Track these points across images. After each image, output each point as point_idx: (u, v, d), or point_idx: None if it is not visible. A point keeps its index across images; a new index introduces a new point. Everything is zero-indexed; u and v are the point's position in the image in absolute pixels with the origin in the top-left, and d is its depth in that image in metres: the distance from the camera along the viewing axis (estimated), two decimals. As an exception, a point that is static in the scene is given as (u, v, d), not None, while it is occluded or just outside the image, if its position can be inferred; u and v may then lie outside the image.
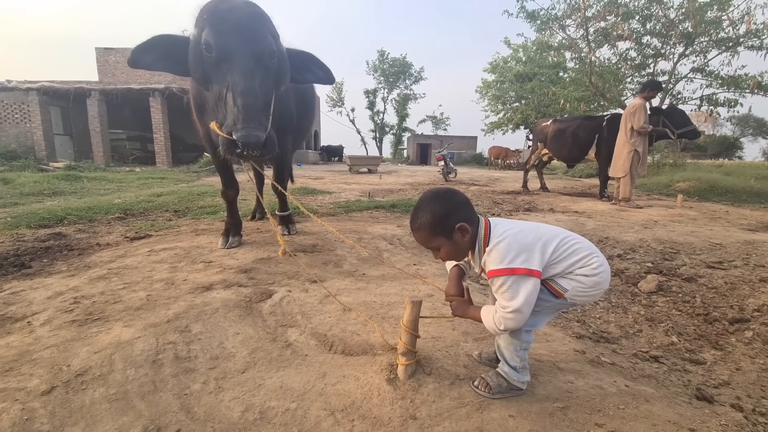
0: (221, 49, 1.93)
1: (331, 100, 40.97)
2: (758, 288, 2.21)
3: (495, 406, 1.15)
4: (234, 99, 1.88)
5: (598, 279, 1.13)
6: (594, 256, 1.14)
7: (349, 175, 12.71)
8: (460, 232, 1.12)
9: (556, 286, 1.14)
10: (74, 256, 2.70)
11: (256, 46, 1.98)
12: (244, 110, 1.85)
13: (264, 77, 2.01)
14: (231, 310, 1.76)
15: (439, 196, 1.17)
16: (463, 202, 1.17)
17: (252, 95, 1.90)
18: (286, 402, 1.16)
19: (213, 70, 1.99)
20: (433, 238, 1.15)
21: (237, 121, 1.83)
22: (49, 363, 1.32)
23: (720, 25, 10.24)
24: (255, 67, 1.96)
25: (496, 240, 1.11)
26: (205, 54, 1.96)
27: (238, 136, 1.79)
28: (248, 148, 1.81)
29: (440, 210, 1.13)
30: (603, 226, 3.98)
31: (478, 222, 1.17)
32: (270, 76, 2.09)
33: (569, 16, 11.84)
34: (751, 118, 39.95)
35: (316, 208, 5.07)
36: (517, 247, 1.09)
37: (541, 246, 1.11)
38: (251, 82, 1.92)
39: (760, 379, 1.47)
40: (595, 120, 7.06)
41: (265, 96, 1.99)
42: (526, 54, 20.80)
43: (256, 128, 1.83)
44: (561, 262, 1.12)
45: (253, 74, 1.94)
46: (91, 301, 1.84)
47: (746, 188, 7.19)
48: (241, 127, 1.81)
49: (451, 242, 1.14)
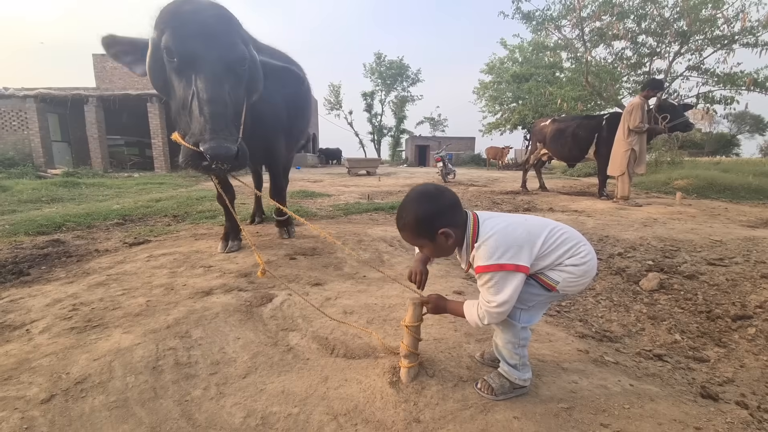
0: (186, 53, 1.76)
1: (328, 103, 41.06)
2: (760, 284, 2.20)
3: (499, 407, 1.14)
4: (200, 108, 1.70)
5: (586, 268, 1.13)
6: (582, 244, 1.14)
7: (348, 178, 12.71)
8: (443, 236, 1.10)
9: (547, 279, 1.14)
10: (73, 262, 2.68)
11: (225, 50, 1.84)
12: (213, 119, 1.67)
13: (234, 85, 1.87)
14: (231, 315, 1.75)
15: (424, 197, 1.14)
16: (449, 205, 1.13)
17: (221, 103, 1.74)
18: (288, 407, 1.15)
19: (176, 76, 1.83)
20: (417, 238, 1.16)
21: (204, 131, 1.65)
22: (49, 371, 1.31)
23: (715, 23, 10.29)
24: (224, 73, 1.81)
25: (485, 236, 1.10)
26: (167, 59, 1.80)
27: (206, 147, 1.60)
28: (218, 160, 1.63)
29: (423, 213, 1.11)
30: (603, 224, 3.98)
31: (466, 220, 1.15)
32: (240, 84, 1.95)
33: (564, 17, 11.88)
34: (747, 115, 40.19)
35: (315, 210, 5.06)
36: (506, 243, 1.07)
37: (530, 240, 1.10)
38: (220, 89, 1.76)
39: (765, 376, 1.46)
40: (594, 119, 7.07)
41: (235, 105, 1.85)
42: (522, 55, 20.87)
43: (226, 139, 1.66)
44: (551, 253, 1.12)
45: (222, 81, 1.79)
46: (90, 308, 1.83)
47: (744, 185, 7.20)
48: (209, 138, 1.63)
49: (434, 244, 1.14)
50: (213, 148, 1.61)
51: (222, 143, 1.63)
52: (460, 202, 1.17)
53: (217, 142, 1.63)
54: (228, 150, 1.65)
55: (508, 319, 1.17)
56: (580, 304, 2.15)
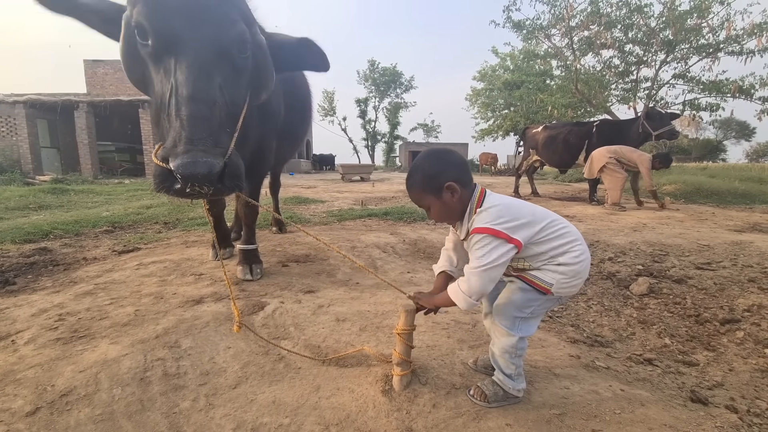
0: (162, 33, 1.32)
1: (322, 109, 41.14)
2: (747, 288, 2.24)
3: (492, 414, 1.14)
4: (177, 108, 1.26)
5: (578, 268, 1.13)
6: (578, 243, 1.15)
7: (342, 184, 12.70)
8: (449, 191, 1.12)
9: (540, 282, 1.13)
10: (60, 271, 2.63)
11: (216, 29, 1.37)
12: (191, 124, 1.22)
13: (229, 77, 1.41)
14: (222, 324, 1.73)
15: (433, 155, 1.19)
16: (457, 163, 1.17)
17: (204, 102, 1.28)
18: (279, 417, 1.13)
19: (154, 65, 1.38)
20: (424, 196, 1.16)
21: (178, 141, 1.20)
22: (34, 383, 1.28)
23: (700, 32, 10.57)
24: (213, 60, 1.35)
25: (489, 204, 1.12)
26: (140, 42, 1.36)
27: (177, 164, 1.15)
28: (193, 182, 1.16)
29: (431, 168, 1.15)
30: (594, 229, 4.03)
31: (473, 186, 1.17)
32: (240, 77, 1.50)
33: (554, 26, 12.13)
34: (733, 122, 41.14)
35: (309, 217, 5.05)
36: (508, 214, 1.09)
37: (531, 221, 1.11)
38: (205, 82, 1.31)
39: (753, 380, 1.49)
40: (585, 126, 7.20)
41: (230, 105, 1.39)
42: (513, 62, 21.21)
43: (207, 151, 1.19)
44: (546, 242, 1.12)
45: (210, 71, 1.34)
46: (76, 318, 1.79)
47: (731, 190, 7.35)
48: (183, 150, 1.17)
49: (440, 201, 1.15)
50: (185, 165, 1.14)
51: (199, 157, 1.16)
52: (468, 164, 1.21)
53: (193, 156, 1.16)
54: (208, 167, 1.16)
55: (506, 329, 1.17)
56: (572, 309, 2.17)
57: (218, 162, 1.20)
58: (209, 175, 1.18)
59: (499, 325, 1.18)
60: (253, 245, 2.50)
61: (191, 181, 1.16)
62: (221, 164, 1.22)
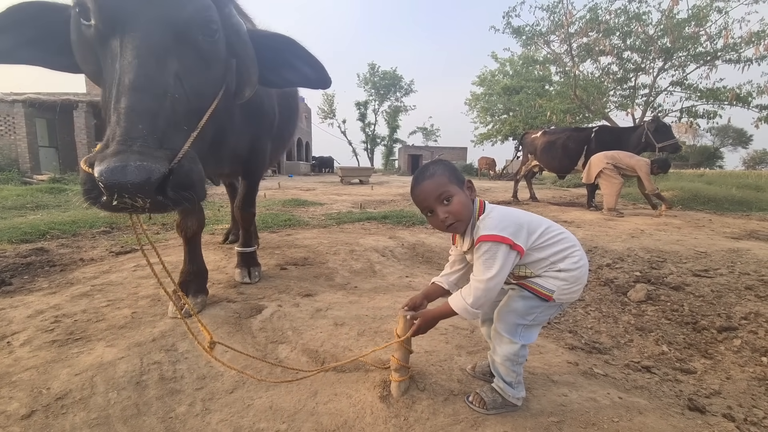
0: (105, 10, 1.09)
1: (322, 111, 41.28)
2: (744, 296, 2.25)
3: (490, 422, 1.14)
4: (117, 99, 1.03)
5: (578, 274, 1.14)
6: (577, 249, 1.17)
7: (341, 186, 12.71)
8: (468, 188, 1.16)
9: (542, 289, 1.14)
10: (56, 272, 2.62)
11: (171, 5, 1.13)
12: (127, 119, 1.00)
13: (191, 66, 1.18)
14: (219, 327, 1.72)
15: (445, 161, 1.23)
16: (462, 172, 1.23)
17: (149, 91, 1.04)
18: (276, 423, 1.13)
19: (101, 50, 1.15)
20: (449, 184, 1.13)
21: (111, 140, 0.98)
22: (29, 386, 1.27)
23: (698, 40, 10.68)
24: (167, 43, 1.12)
25: (490, 210, 1.15)
26: (83, 24, 1.14)
27: (100, 169, 0.90)
28: (120, 193, 0.91)
29: (451, 165, 1.19)
30: (592, 235, 4.04)
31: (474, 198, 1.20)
32: (207, 67, 1.25)
33: (553, 32, 12.25)
34: (730, 129, 41.41)
35: (307, 219, 5.04)
36: (508, 219, 1.12)
37: (530, 227, 1.13)
38: (153, 68, 1.07)
39: (751, 388, 1.49)
40: (584, 132, 7.25)
41: (190, 99, 1.15)
42: (512, 68, 21.37)
43: (145, 153, 0.95)
44: (545, 248, 1.13)
45: (162, 56, 1.10)
46: (72, 320, 1.78)
47: (728, 197, 7.39)
48: (111, 152, 0.93)
49: (461, 194, 1.14)
50: (109, 171, 0.90)
51: (132, 161, 0.91)
52: None
53: (123, 158, 0.91)
54: (142, 174, 0.91)
55: (508, 336, 1.17)
56: (570, 315, 2.17)
57: (159, 167, 0.94)
58: (143, 184, 0.91)
59: (501, 332, 1.18)
60: (251, 248, 2.46)
61: (118, 191, 0.90)
62: (163, 170, 0.95)
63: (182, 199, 1.03)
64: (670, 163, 5.94)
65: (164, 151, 1.00)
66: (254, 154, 2.22)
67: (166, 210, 1.04)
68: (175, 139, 1.06)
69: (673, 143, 6.12)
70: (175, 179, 0.99)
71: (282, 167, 22.40)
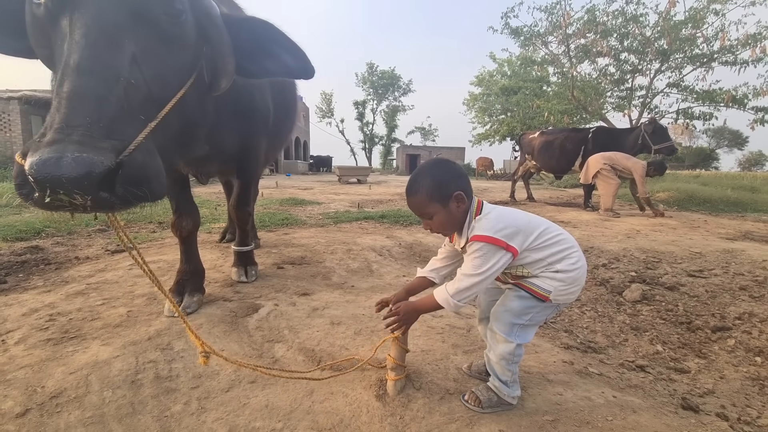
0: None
1: (320, 111, 41.23)
2: (738, 296, 2.27)
3: (485, 420, 1.14)
4: (60, 83, 0.91)
5: (575, 275, 1.14)
6: (575, 250, 1.17)
7: (339, 186, 12.70)
8: (456, 201, 1.13)
9: (539, 290, 1.14)
10: (51, 270, 2.60)
11: None
12: (68, 104, 0.88)
13: (151, 48, 1.05)
14: (216, 326, 1.72)
15: (441, 164, 1.20)
16: (463, 174, 1.19)
17: (96, 74, 0.92)
18: (272, 422, 1.12)
19: (52, 31, 1.03)
20: (429, 204, 1.14)
21: (48, 128, 0.87)
22: (24, 384, 1.26)
23: (694, 42, 10.75)
24: (121, 22, 1.00)
25: (488, 211, 1.15)
26: (34, 3, 1.03)
27: (31, 161, 0.80)
28: (54, 188, 0.80)
29: (441, 176, 1.15)
30: (588, 235, 4.06)
31: (473, 198, 1.19)
32: (172, 51, 1.13)
33: (551, 33, 12.29)
34: (726, 131, 41.79)
35: (305, 219, 5.04)
36: (505, 220, 1.12)
37: (527, 228, 1.13)
38: (103, 48, 0.95)
39: (744, 388, 1.50)
40: (581, 132, 7.28)
41: (149, 85, 1.03)
42: (510, 68, 21.42)
43: (84, 144, 0.83)
44: (541, 250, 1.13)
45: (115, 36, 0.98)
46: (67, 318, 1.77)
47: (723, 198, 7.45)
48: (47, 142, 0.83)
49: (445, 210, 1.14)
50: (40, 163, 0.79)
51: (69, 152, 0.80)
52: (468, 177, 1.21)
53: (58, 149, 0.80)
54: (80, 167, 0.79)
55: (504, 335, 1.17)
56: (566, 314, 2.18)
57: (102, 160, 0.82)
58: (81, 178, 0.79)
59: (497, 331, 1.18)
60: (248, 247, 2.44)
61: (51, 186, 0.79)
62: (108, 163, 0.83)
63: (133, 197, 0.91)
64: (666, 166, 5.97)
65: (112, 141, 0.88)
66: (247, 152, 2.16)
67: (113, 209, 0.91)
68: (128, 129, 0.93)
69: (669, 145, 6.17)
70: (125, 174, 0.87)
71: (280, 166, 22.36)
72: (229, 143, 1.94)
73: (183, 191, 2.04)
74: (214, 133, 1.71)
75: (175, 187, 2.00)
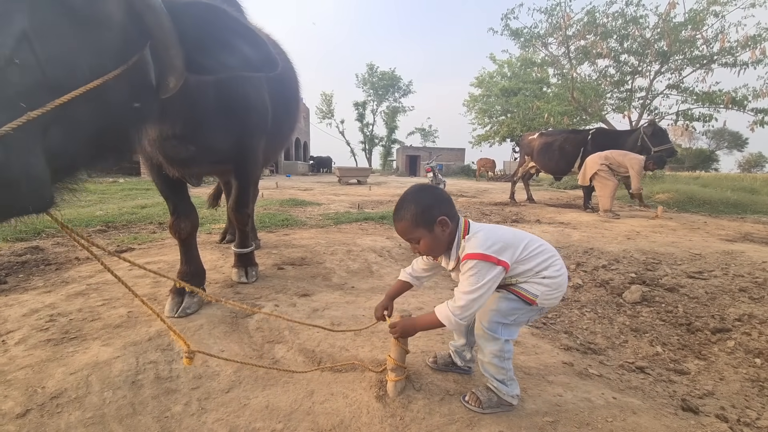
0: None
1: (320, 111, 41.27)
2: (738, 298, 2.27)
3: (485, 421, 1.14)
4: None
5: (560, 281, 1.20)
6: (557, 258, 1.23)
7: (339, 187, 12.71)
8: (440, 225, 1.17)
9: (525, 293, 1.19)
10: (51, 270, 2.60)
11: None
12: None
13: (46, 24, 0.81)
14: (216, 327, 1.72)
15: (424, 190, 1.25)
16: (447, 198, 1.25)
17: None
18: (272, 423, 1.13)
19: None
20: (415, 229, 1.19)
21: None
22: (24, 384, 1.26)
23: (694, 44, 10.76)
24: None
25: (476, 230, 1.20)
26: None
27: None
28: None
29: (424, 202, 1.20)
30: (588, 237, 4.06)
31: (458, 219, 1.23)
32: (77, 32, 0.87)
33: (551, 35, 12.31)
34: (726, 132, 41.83)
35: (305, 219, 5.04)
36: (494, 237, 1.16)
37: (514, 243, 1.18)
38: None
39: (744, 389, 1.50)
40: (580, 134, 7.29)
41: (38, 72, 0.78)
42: (511, 69, 21.46)
43: None
44: (528, 261, 1.18)
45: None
46: (67, 319, 1.77)
47: (723, 199, 7.45)
48: None
49: (431, 235, 1.18)
50: None
51: None
52: (453, 202, 1.26)
53: None
54: None
55: (491, 333, 1.19)
56: (566, 316, 2.18)
57: None
58: None
59: (484, 330, 1.21)
60: (248, 248, 2.44)
61: None
62: None
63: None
64: (666, 159, 5.96)
65: None
66: (244, 153, 2.09)
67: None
68: None
69: (669, 148, 6.18)
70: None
71: (280, 167, 22.37)
72: (219, 144, 1.86)
73: (180, 192, 2.01)
74: (198, 133, 1.64)
75: (169, 188, 1.97)
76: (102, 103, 0.94)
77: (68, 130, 0.87)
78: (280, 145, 3.02)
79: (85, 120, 0.92)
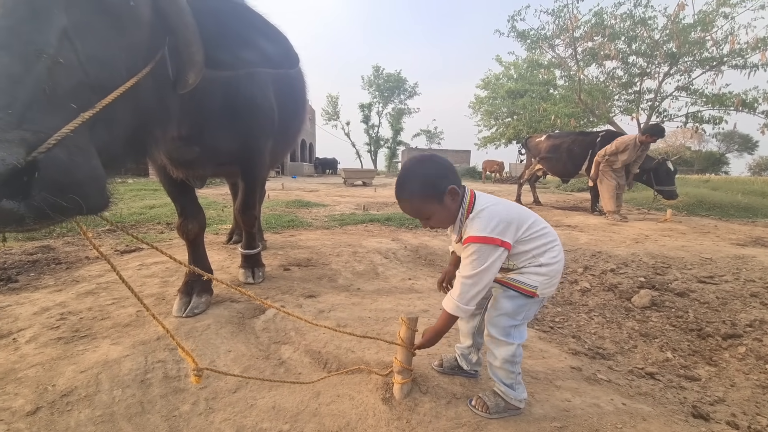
0: None
1: (326, 113, 41.42)
2: (749, 303, 2.23)
3: (492, 426, 1.14)
4: None
5: (557, 267, 1.17)
6: (556, 243, 1.20)
7: (344, 188, 12.73)
8: (450, 195, 1.13)
9: (525, 287, 1.16)
10: (62, 269, 2.64)
11: None
12: None
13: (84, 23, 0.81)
14: (223, 327, 1.73)
15: (427, 160, 1.18)
16: (452, 166, 1.19)
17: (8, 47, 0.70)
18: (278, 423, 1.13)
19: None
20: (425, 204, 1.14)
21: None
22: (35, 382, 1.28)
23: (704, 46, 10.63)
24: None
25: (480, 208, 1.14)
26: None
27: None
28: None
29: (431, 173, 1.14)
30: (595, 240, 4.02)
31: (464, 188, 1.18)
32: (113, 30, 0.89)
33: (558, 36, 12.22)
34: (736, 135, 41.22)
35: (310, 221, 5.05)
36: (498, 216, 1.11)
37: (518, 220, 1.14)
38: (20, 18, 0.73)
39: (755, 396, 1.48)
40: (588, 136, 7.23)
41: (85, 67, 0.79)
42: (517, 71, 21.34)
43: None
44: (529, 241, 1.15)
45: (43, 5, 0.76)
46: (78, 318, 1.80)
47: (734, 203, 7.34)
48: None
49: (442, 207, 1.14)
50: None
51: None
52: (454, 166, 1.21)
53: None
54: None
55: (505, 339, 1.17)
56: (573, 320, 2.16)
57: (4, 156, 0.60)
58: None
59: (496, 336, 1.19)
60: (255, 249, 2.45)
61: None
62: (12, 161, 0.61)
63: (53, 208, 0.67)
64: (663, 128, 5.75)
65: (23, 131, 0.64)
66: (250, 154, 2.09)
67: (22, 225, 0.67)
68: (50, 118, 0.70)
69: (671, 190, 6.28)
70: (43, 176, 0.65)
71: (286, 168, 22.48)
72: (225, 145, 1.85)
73: (187, 194, 2.03)
74: (203, 135, 1.63)
75: (177, 190, 1.99)
76: (133, 100, 0.94)
77: (109, 129, 0.88)
78: (286, 147, 3.03)
79: (120, 118, 0.93)
